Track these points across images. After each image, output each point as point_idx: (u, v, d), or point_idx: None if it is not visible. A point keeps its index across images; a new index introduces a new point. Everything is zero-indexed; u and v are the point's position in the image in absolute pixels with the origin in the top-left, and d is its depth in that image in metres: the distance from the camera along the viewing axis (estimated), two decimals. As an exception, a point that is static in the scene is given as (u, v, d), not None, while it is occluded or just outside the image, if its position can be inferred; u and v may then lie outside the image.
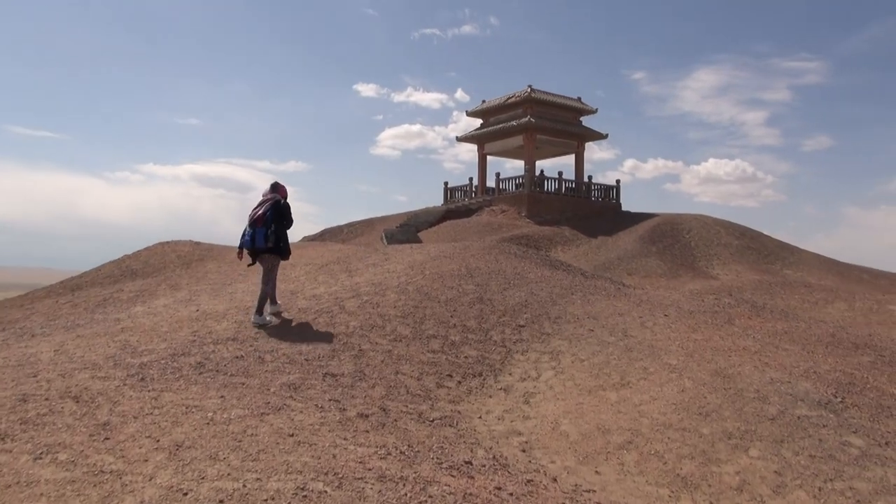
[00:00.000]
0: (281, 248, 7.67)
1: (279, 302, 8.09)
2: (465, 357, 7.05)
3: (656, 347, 7.18)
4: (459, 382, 6.43)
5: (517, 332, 7.90)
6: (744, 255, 28.66)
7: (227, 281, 12.35)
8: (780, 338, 7.80)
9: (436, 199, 34.93)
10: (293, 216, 7.89)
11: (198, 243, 19.69)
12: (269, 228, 7.48)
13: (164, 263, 17.76)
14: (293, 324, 7.56)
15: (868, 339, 8.43)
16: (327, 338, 7.04)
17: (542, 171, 32.16)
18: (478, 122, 35.39)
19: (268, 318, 7.50)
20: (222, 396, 5.04)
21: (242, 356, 6.29)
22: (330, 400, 5.34)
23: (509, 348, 7.43)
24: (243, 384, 5.45)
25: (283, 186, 7.99)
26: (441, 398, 5.99)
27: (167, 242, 20.20)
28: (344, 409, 5.13)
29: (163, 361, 5.95)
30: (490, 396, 6.25)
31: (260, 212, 7.57)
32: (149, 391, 5.02)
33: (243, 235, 7.66)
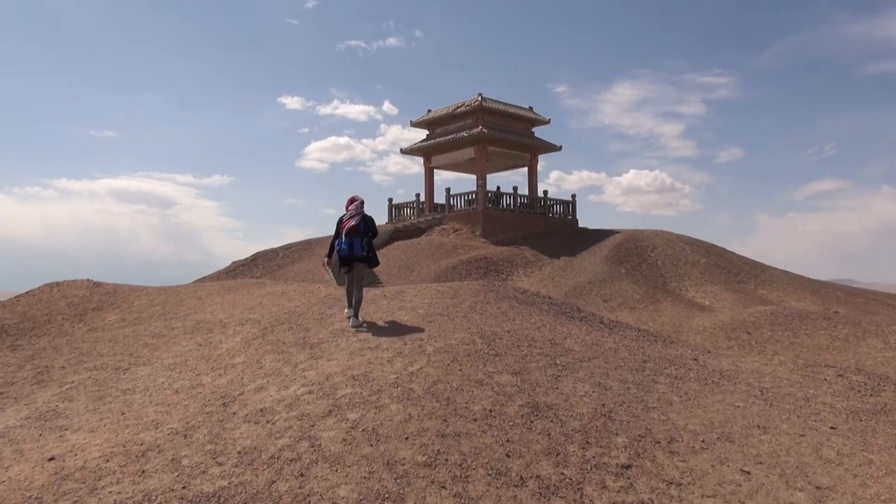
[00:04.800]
0: (370, 258, 8.32)
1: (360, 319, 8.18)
2: (573, 566, 3.70)
3: (895, 519, 4.08)
4: None
5: (625, 481, 4.61)
6: (714, 274, 26.70)
7: (126, 361, 8.46)
8: None
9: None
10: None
11: (97, 284, 15.35)
12: (364, 238, 8.15)
13: (49, 316, 13.41)
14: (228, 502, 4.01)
15: None
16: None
17: (497, 187, 29.27)
18: (423, 133, 32.19)
19: (361, 320, 7.99)
20: None
21: None
22: None
23: (632, 526, 4.13)
24: None
25: (360, 199, 8.40)
26: None
27: (57, 284, 15.74)
28: None
29: None
30: None
31: (353, 223, 8.15)
32: None
33: (337, 245, 8.22)
